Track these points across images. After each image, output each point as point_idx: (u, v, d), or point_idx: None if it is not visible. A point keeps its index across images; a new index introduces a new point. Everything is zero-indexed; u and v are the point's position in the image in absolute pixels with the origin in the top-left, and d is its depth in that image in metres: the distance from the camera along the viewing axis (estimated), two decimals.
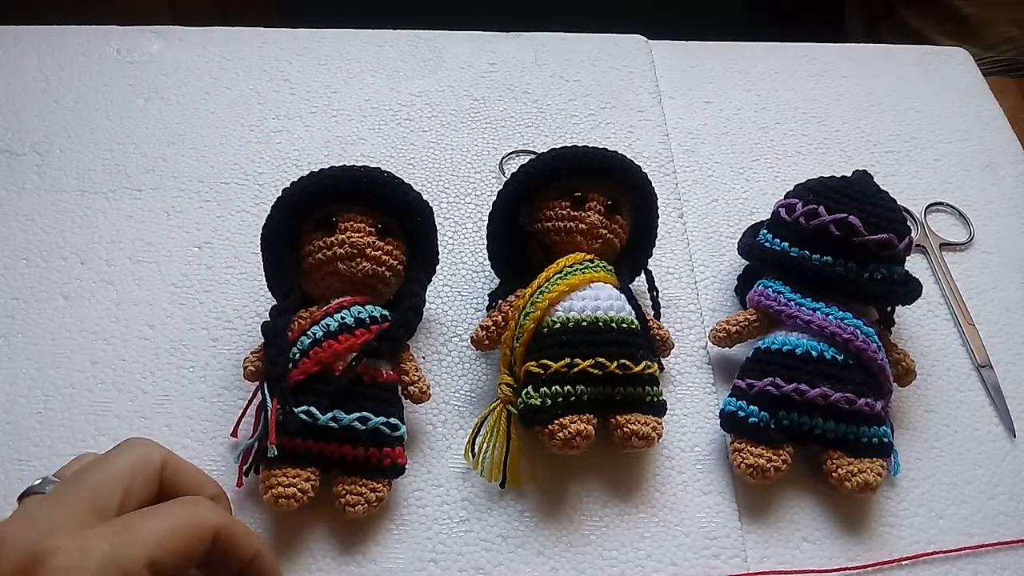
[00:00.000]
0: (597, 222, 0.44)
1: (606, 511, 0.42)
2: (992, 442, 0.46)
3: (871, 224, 0.44)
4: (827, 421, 0.41)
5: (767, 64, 0.66)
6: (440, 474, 0.43)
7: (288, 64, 0.63)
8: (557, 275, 0.43)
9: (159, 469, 0.32)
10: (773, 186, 0.57)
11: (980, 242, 0.55)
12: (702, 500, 0.42)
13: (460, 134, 0.59)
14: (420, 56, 0.65)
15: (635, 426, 0.41)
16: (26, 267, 0.50)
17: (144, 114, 0.59)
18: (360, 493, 0.39)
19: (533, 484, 0.42)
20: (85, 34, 0.64)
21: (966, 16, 0.90)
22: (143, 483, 0.31)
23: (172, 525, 0.29)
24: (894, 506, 0.43)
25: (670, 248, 0.53)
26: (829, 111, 0.63)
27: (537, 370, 0.41)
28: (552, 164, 0.44)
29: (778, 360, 0.43)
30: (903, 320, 0.50)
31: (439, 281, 0.50)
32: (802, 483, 0.43)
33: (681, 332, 0.49)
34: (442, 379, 0.46)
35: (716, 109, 0.62)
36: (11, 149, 0.56)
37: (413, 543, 0.40)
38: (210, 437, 0.43)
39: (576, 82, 0.63)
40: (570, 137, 0.60)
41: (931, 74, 0.66)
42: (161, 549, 0.28)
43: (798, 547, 0.41)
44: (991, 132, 0.62)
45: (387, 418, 0.40)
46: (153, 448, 0.32)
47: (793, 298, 0.44)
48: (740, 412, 0.42)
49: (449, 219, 0.54)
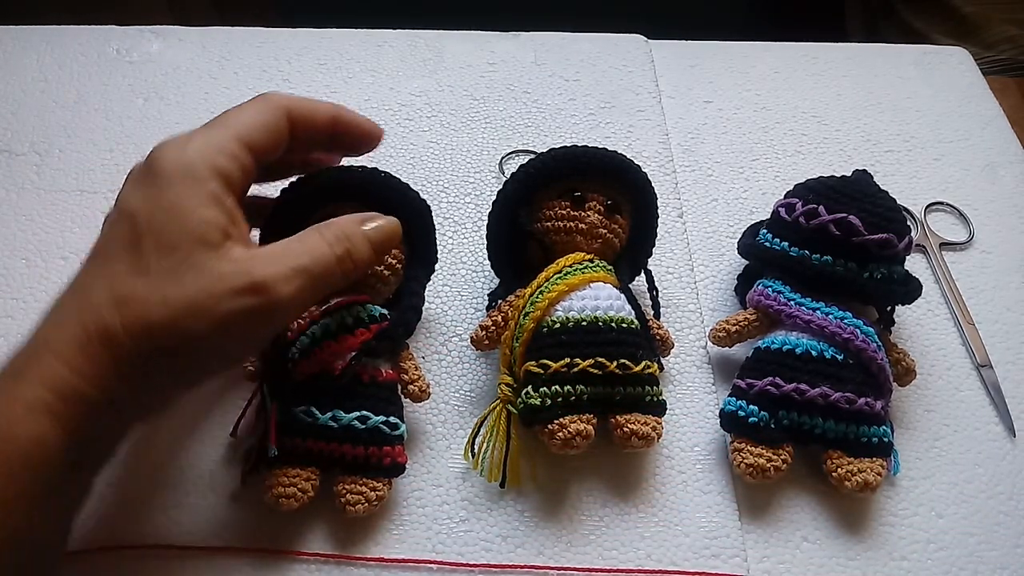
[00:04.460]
0: (597, 222, 0.44)
1: (606, 511, 0.42)
2: (992, 442, 0.46)
3: (871, 224, 0.44)
4: (827, 421, 0.41)
5: (767, 64, 0.66)
6: (440, 474, 0.43)
7: (288, 64, 0.63)
8: (557, 275, 0.43)
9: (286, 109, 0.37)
10: (773, 186, 0.57)
11: (980, 242, 0.55)
12: (702, 500, 0.42)
13: (460, 134, 0.59)
14: (420, 56, 0.65)
15: (635, 426, 0.41)
16: (26, 267, 0.50)
17: (143, 114, 0.59)
18: (360, 492, 0.39)
19: (533, 484, 0.42)
20: (84, 34, 0.64)
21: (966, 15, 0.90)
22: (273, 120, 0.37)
23: (252, 109, 0.37)
24: (894, 506, 0.43)
25: (670, 248, 0.53)
26: (829, 111, 0.63)
27: (537, 370, 0.41)
28: (552, 164, 0.44)
29: (778, 360, 0.43)
30: (903, 320, 0.50)
31: (439, 281, 0.50)
32: (802, 483, 0.43)
33: (681, 332, 0.49)
34: (442, 379, 0.46)
35: (716, 109, 0.62)
36: (10, 149, 0.56)
37: (413, 543, 0.40)
38: (210, 437, 0.43)
39: (576, 82, 0.63)
40: (570, 137, 0.59)
41: (931, 74, 0.66)
42: (246, 127, 0.36)
43: (798, 547, 0.41)
44: (991, 132, 0.62)
45: (387, 417, 0.40)
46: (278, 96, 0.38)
47: (793, 298, 0.44)
48: (740, 412, 0.42)
49: (449, 219, 0.54)
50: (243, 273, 0.32)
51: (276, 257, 0.34)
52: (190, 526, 0.40)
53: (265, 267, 0.33)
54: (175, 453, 0.42)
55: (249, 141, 0.35)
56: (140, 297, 0.31)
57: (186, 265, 0.32)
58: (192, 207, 0.33)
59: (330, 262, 0.35)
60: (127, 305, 0.31)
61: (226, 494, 0.41)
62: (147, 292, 0.31)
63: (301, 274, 0.34)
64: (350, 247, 0.36)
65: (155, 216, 0.33)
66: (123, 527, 0.40)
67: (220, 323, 0.32)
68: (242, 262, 0.33)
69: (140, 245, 0.32)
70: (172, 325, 0.31)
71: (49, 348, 0.31)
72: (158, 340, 0.31)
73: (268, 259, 0.34)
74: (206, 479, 0.42)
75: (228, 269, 0.32)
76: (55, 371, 0.30)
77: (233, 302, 0.32)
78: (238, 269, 0.32)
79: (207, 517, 0.40)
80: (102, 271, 0.33)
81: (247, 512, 0.40)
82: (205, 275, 0.32)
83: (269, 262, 0.33)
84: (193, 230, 0.32)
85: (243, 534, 0.40)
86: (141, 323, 0.31)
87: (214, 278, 0.32)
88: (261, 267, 0.33)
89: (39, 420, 0.30)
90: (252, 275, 0.32)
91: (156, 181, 0.33)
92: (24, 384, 0.30)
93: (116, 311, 0.31)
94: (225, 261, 0.32)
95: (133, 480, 0.41)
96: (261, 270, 0.33)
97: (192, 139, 0.35)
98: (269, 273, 0.33)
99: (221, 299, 0.32)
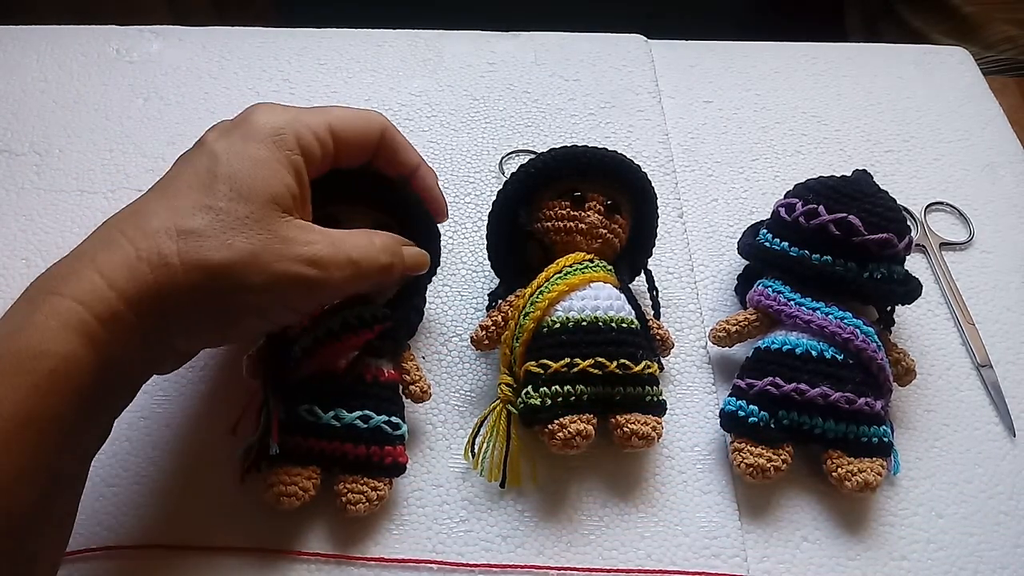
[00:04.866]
0: (597, 222, 0.44)
1: (606, 511, 0.42)
2: (992, 442, 0.46)
3: (871, 224, 0.44)
4: (827, 421, 0.41)
5: (767, 64, 0.66)
6: (440, 474, 0.43)
7: (287, 64, 0.63)
8: (557, 275, 0.43)
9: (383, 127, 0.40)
10: (773, 186, 0.57)
11: (980, 242, 0.55)
12: (702, 500, 0.42)
13: (460, 134, 0.59)
14: (420, 56, 0.65)
15: (635, 426, 0.41)
16: (26, 267, 0.50)
17: (143, 114, 0.59)
18: (361, 492, 0.39)
19: (533, 484, 0.42)
20: (84, 34, 0.64)
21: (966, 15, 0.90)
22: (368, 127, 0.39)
23: (353, 110, 0.39)
24: (894, 506, 0.43)
25: (670, 248, 0.53)
26: (829, 111, 0.63)
27: (537, 370, 0.41)
28: (552, 164, 0.44)
29: (778, 360, 0.43)
30: (903, 320, 0.50)
31: (439, 281, 0.50)
32: (802, 483, 0.43)
33: (681, 332, 0.49)
34: (442, 379, 0.46)
35: (716, 109, 0.62)
36: (10, 149, 0.56)
37: (413, 543, 0.40)
38: (210, 436, 0.43)
39: (576, 82, 0.63)
40: (570, 137, 0.59)
41: (931, 74, 0.66)
42: (340, 121, 0.38)
43: (798, 547, 0.41)
44: (991, 132, 0.62)
45: (389, 416, 0.40)
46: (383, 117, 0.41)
47: (793, 298, 0.44)
48: (740, 412, 0.42)
49: (449, 219, 0.53)
50: (307, 244, 0.34)
51: (336, 242, 0.36)
52: (190, 526, 0.40)
53: (326, 247, 0.35)
54: (175, 453, 0.42)
55: (339, 132, 0.37)
56: (205, 233, 0.32)
57: (256, 218, 0.33)
58: (275, 168, 0.35)
59: (376, 266, 0.37)
60: (189, 237, 0.32)
61: (226, 494, 0.41)
62: (213, 231, 0.32)
63: (352, 266, 0.36)
64: (395, 261, 0.39)
65: (238, 164, 0.34)
66: (123, 527, 0.40)
67: (273, 282, 0.33)
68: (308, 234, 0.35)
69: (214, 186, 0.33)
70: (230, 269, 0.32)
71: (95, 265, 0.31)
72: (212, 280, 0.32)
73: (329, 241, 0.36)
74: (206, 479, 0.42)
75: (295, 235, 0.34)
76: (97, 289, 0.30)
77: (292, 267, 0.34)
78: (304, 239, 0.35)
79: (207, 517, 0.40)
80: (166, 201, 0.33)
81: (247, 512, 0.40)
82: (272, 234, 0.34)
83: (330, 245, 0.35)
84: (271, 189, 0.34)
85: (243, 534, 0.40)
86: (199, 258, 0.32)
87: (280, 239, 0.34)
88: (323, 246, 0.35)
89: (72, 339, 0.29)
90: (315, 249, 0.35)
91: (246, 134, 0.35)
92: (62, 299, 0.30)
93: (175, 241, 0.32)
94: (293, 227, 0.34)
95: (133, 480, 0.41)
96: (323, 249, 0.35)
97: (288, 110, 0.37)
98: (328, 254, 0.35)
99: (282, 260, 0.33)
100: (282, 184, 0.35)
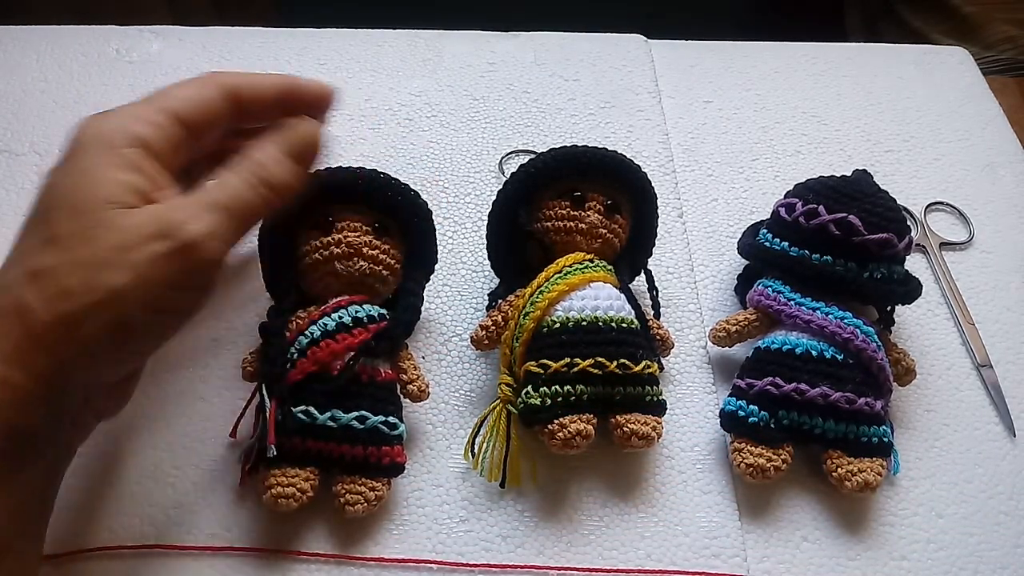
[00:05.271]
0: (597, 222, 0.44)
1: (606, 511, 0.42)
2: (992, 442, 0.46)
3: (871, 223, 0.44)
4: (827, 421, 0.41)
5: (767, 64, 0.66)
6: (440, 474, 0.43)
7: (287, 64, 0.63)
8: (557, 275, 0.43)
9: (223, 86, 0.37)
10: (773, 186, 0.57)
11: (980, 242, 0.55)
12: (702, 500, 0.42)
13: (460, 134, 0.59)
14: (419, 56, 0.65)
15: (635, 426, 0.41)
16: None
17: None
18: (359, 492, 0.39)
19: (533, 484, 0.42)
20: (84, 34, 0.64)
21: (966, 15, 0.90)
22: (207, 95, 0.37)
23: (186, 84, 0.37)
24: (894, 506, 0.43)
25: (670, 248, 0.53)
26: (829, 111, 0.63)
27: (537, 370, 0.41)
28: (552, 164, 0.44)
29: (778, 360, 0.43)
30: (903, 320, 0.50)
31: (439, 281, 0.50)
32: (802, 483, 0.43)
33: (681, 332, 0.49)
34: (442, 379, 0.46)
35: (716, 109, 0.62)
36: (10, 149, 0.56)
37: (413, 543, 0.40)
38: (210, 437, 0.43)
39: (576, 82, 0.63)
40: (570, 137, 0.59)
41: (931, 74, 0.66)
42: (176, 100, 0.35)
43: (798, 547, 0.41)
44: (991, 132, 0.62)
45: (386, 417, 0.40)
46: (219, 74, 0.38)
47: (793, 298, 0.44)
48: (740, 412, 0.42)
49: (449, 219, 0.54)
50: (154, 220, 0.32)
51: (187, 200, 0.33)
52: (190, 526, 0.40)
53: (175, 211, 0.32)
54: (175, 453, 0.42)
55: (177, 113, 0.35)
56: (51, 265, 0.31)
57: (95, 225, 0.31)
58: (103, 172, 0.32)
59: (242, 191, 0.35)
60: (41, 277, 0.30)
61: (226, 494, 0.41)
62: (58, 259, 0.31)
63: (212, 209, 0.33)
64: (262, 172, 0.35)
65: (65, 184, 0.32)
66: (123, 527, 0.40)
67: (139, 273, 0.31)
68: (154, 211, 0.32)
69: (50, 216, 0.32)
70: (88, 285, 0.30)
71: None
72: (78, 303, 0.30)
73: (179, 203, 0.33)
74: (206, 479, 0.42)
75: (139, 220, 0.32)
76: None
77: (147, 248, 0.31)
78: (149, 218, 0.32)
79: (207, 517, 0.40)
80: (16, 249, 0.32)
81: (247, 512, 0.40)
82: (115, 230, 0.31)
83: (179, 206, 0.33)
84: (102, 192, 0.32)
85: (243, 534, 0.40)
86: (56, 290, 0.30)
87: (125, 231, 0.31)
88: (170, 211, 0.32)
89: None
90: (162, 219, 0.32)
91: (72, 152, 0.33)
92: None
93: (29, 285, 0.30)
94: (137, 214, 0.32)
95: (133, 480, 0.41)
96: (171, 214, 0.32)
97: (115, 111, 0.34)
98: (178, 216, 0.32)
99: (133, 248, 0.31)
100: (114, 183, 0.32)
